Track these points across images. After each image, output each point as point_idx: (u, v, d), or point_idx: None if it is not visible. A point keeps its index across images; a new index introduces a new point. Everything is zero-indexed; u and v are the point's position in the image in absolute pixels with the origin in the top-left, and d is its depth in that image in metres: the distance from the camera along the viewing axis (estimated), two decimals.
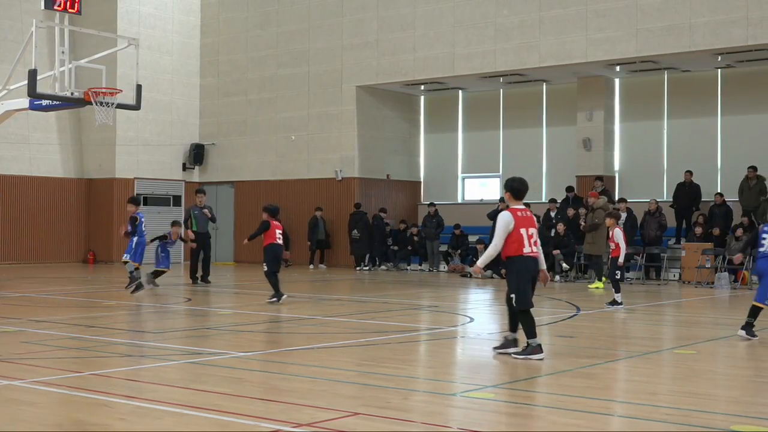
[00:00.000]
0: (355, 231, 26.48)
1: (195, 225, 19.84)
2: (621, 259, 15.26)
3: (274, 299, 14.91)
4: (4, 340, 10.85)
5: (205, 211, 19.96)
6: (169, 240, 18.45)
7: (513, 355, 9.14)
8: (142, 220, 17.31)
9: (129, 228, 16.92)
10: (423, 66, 26.25)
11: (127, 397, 7.03)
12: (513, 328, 9.41)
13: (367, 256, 26.79)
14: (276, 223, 15.34)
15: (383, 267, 26.71)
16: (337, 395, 7.28)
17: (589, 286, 20.01)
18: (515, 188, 9.52)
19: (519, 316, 9.25)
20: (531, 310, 9.22)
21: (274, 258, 15.10)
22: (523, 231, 9.18)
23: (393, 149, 28.74)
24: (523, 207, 9.43)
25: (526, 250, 9.17)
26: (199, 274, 19.92)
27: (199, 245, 20.00)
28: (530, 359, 8.94)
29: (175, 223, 19.11)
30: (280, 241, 15.28)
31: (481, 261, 9.40)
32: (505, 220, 9.20)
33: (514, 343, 9.37)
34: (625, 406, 7.18)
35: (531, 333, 9.13)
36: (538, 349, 9.04)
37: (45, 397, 7.22)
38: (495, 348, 9.52)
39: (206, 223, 20.12)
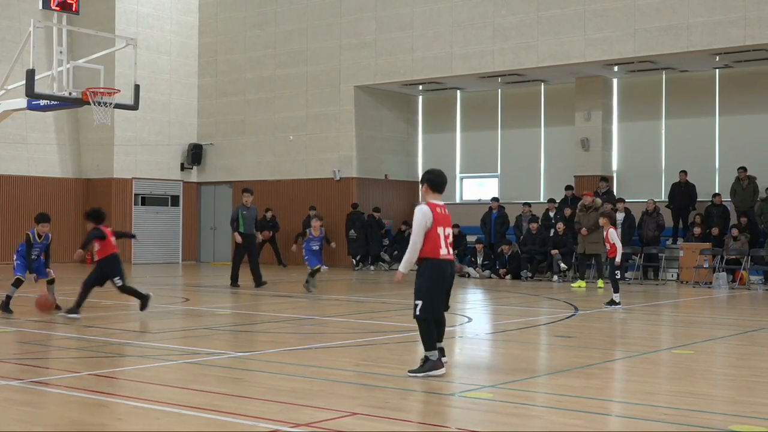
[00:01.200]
0: (352, 231, 26.48)
1: (242, 226, 18.90)
2: (618, 258, 15.24)
3: (146, 303, 13.16)
4: (2, 340, 10.85)
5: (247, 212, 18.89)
6: (311, 236, 17.90)
7: (409, 374, 8.08)
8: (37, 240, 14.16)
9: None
10: (421, 66, 26.25)
11: (125, 398, 7.03)
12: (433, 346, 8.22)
13: (361, 256, 26.79)
14: (108, 229, 13.44)
15: (372, 267, 26.62)
16: (336, 395, 7.28)
17: (572, 285, 20.07)
18: (433, 180, 8.33)
19: (419, 323, 8.14)
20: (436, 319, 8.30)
21: (118, 268, 13.31)
22: (440, 230, 8.09)
23: (391, 149, 28.74)
24: (442, 203, 8.30)
25: (443, 252, 8.12)
26: (240, 280, 18.92)
27: (245, 247, 19.03)
28: (430, 376, 7.99)
29: (315, 218, 18.70)
30: (117, 250, 13.51)
31: (403, 266, 8.26)
32: (423, 213, 8.06)
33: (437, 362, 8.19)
34: (623, 406, 7.18)
35: (430, 345, 8.10)
36: (439, 363, 8.10)
37: (43, 398, 7.22)
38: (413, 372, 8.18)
39: (253, 224, 19.24)
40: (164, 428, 6.07)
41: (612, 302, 15.01)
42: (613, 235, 15.24)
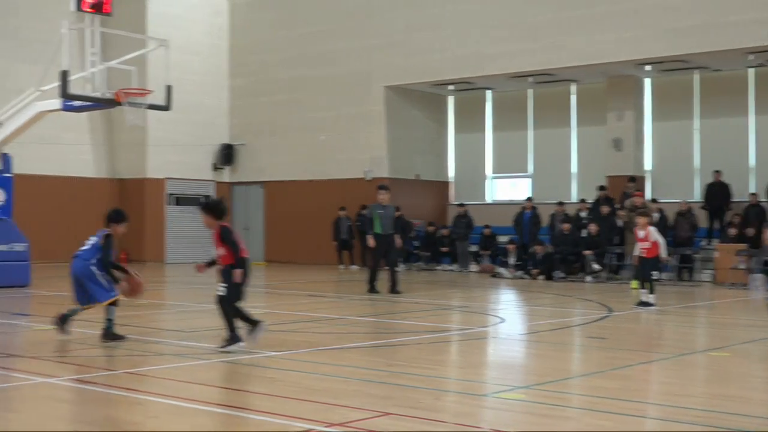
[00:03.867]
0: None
1: (378, 226, 17.32)
2: (664, 253, 15.19)
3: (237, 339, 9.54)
4: (40, 338, 10.97)
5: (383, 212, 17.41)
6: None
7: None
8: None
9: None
10: (451, 66, 26.21)
11: (160, 396, 7.08)
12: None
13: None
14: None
15: (403, 268, 26.47)
16: (369, 395, 7.28)
17: (632, 286, 19.45)
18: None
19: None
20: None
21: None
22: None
23: (422, 149, 28.73)
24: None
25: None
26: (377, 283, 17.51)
27: (382, 249, 17.43)
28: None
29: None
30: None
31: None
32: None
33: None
34: (658, 408, 7.13)
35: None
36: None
37: (79, 395, 7.30)
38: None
39: (391, 224, 17.45)
40: (198, 427, 6.11)
41: (644, 303, 14.89)
42: (654, 233, 15.12)
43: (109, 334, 10.07)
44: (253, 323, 9.44)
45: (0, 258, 18.28)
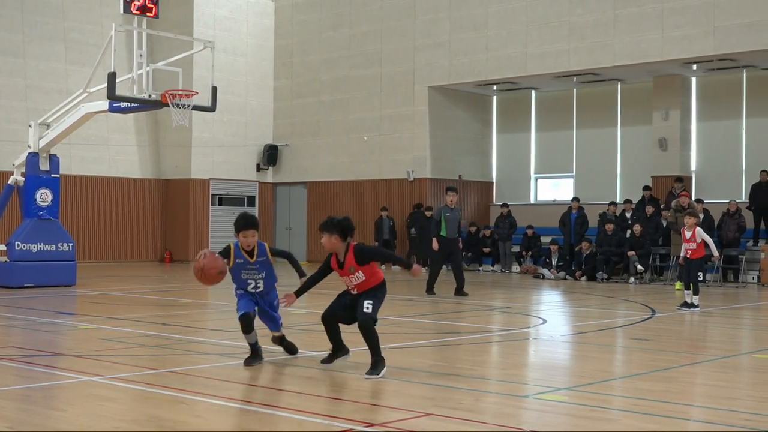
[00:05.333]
0: (413, 229, 26.50)
1: (444, 229, 17.12)
2: (714, 251, 15.04)
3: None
4: (85, 337, 11.12)
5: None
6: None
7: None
8: None
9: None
10: (496, 66, 26.13)
11: (203, 395, 7.14)
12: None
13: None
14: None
15: (447, 267, 26.35)
16: (410, 395, 7.29)
17: (676, 287, 19.28)
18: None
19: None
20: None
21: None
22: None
23: (465, 150, 28.67)
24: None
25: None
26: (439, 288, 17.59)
27: (445, 252, 17.31)
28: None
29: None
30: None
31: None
32: None
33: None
34: (702, 410, 7.06)
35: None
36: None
37: (123, 393, 7.38)
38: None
39: (457, 227, 17.36)
40: (241, 426, 6.16)
41: (688, 304, 14.74)
42: (701, 233, 14.98)
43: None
44: (341, 350, 8.56)
45: (46, 258, 18.56)
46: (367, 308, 8.16)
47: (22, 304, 14.97)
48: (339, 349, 8.55)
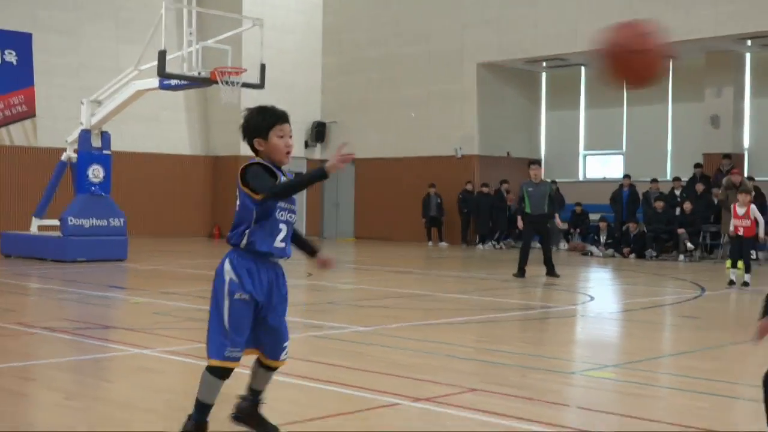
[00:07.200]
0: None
1: (528, 206, 16.07)
2: (762, 232, 14.80)
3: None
4: (136, 310, 11.31)
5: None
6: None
7: None
8: None
9: None
10: (545, 42, 25.87)
11: (248, 368, 7.21)
12: None
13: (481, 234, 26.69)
14: None
15: (496, 245, 26.32)
16: (455, 371, 7.32)
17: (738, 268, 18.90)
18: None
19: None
20: None
21: None
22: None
23: (513, 127, 28.48)
24: None
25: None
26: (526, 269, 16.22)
27: (532, 230, 16.36)
28: None
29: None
30: None
31: None
32: None
33: None
34: (751, 389, 6.98)
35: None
36: None
37: (173, 366, 7.51)
38: None
39: (543, 203, 16.05)
40: (289, 399, 6.23)
41: (734, 282, 14.55)
42: (755, 210, 14.77)
43: None
44: None
45: (99, 233, 18.85)
46: None
47: (74, 278, 15.24)
48: None
